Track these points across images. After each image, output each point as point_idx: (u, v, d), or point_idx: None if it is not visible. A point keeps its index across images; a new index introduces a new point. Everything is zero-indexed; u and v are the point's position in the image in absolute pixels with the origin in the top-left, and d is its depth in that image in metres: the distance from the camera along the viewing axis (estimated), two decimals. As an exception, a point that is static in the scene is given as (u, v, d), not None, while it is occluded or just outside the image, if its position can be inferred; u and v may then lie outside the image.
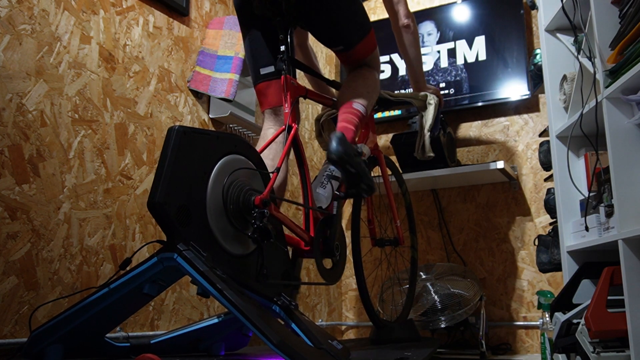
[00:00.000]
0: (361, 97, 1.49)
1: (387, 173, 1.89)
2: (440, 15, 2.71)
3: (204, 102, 2.02)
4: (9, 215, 1.29)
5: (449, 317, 2.14)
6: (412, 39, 1.79)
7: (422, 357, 1.42)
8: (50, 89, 1.43)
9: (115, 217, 1.58)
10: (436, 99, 1.86)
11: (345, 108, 1.46)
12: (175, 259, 1.01)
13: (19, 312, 1.29)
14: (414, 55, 1.81)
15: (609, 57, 1.54)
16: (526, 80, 2.44)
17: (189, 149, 1.07)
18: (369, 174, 1.40)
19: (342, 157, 1.28)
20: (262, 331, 0.96)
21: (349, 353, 1.23)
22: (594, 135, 1.67)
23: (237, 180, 1.17)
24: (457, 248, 2.54)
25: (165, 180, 1.01)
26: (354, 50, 1.55)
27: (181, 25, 1.95)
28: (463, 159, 2.62)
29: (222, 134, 1.19)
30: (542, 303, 1.93)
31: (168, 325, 1.71)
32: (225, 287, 0.99)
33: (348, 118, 1.44)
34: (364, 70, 1.58)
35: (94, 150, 1.54)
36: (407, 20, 1.78)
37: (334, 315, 2.69)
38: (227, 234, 1.12)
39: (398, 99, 1.88)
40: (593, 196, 1.71)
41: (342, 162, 1.30)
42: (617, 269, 1.47)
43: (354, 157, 1.32)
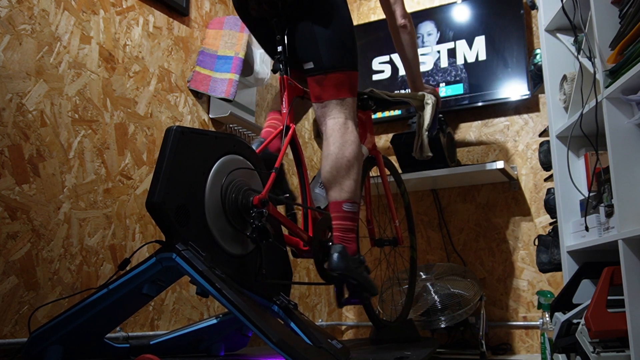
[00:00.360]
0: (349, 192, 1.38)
1: (386, 173, 1.89)
2: (440, 15, 2.71)
3: (204, 102, 2.02)
4: (9, 215, 1.29)
5: (449, 317, 2.14)
6: (409, 39, 1.79)
7: (421, 357, 1.42)
8: (50, 89, 1.44)
9: (115, 217, 1.59)
10: (434, 98, 1.86)
11: (336, 213, 1.38)
12: (174, 259, 1.01)
13: (19, 312, 1.29)
14: (411, 56, 1.81)
15: (609, 57, 1.54)
16: (526, 80, 2.44)
17: (187, 149, 1.07)
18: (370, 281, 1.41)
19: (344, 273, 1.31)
20: (262, 330, 0.96)
21: (349, 352, 1.23)
22: (594, 135, 1.66)
23: (236, 180, 1.17)
24: (457, 248, 2.54)
25: (163, 181, 1.01)
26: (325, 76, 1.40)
27: (181, 25, 1.96)
28: (463, 159, 2.62)
29: (220, 134, 1.19)
30: (542, 303, 1.93)
31: (168, 325, 1.71)
32: (224, 287, 0.99)
33: (343, 226, 1.37)
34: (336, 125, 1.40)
35: (94, 150, 1.55)
36: (404, 20, 1.77)
37: (334, 315, 2.69)
38: (226, 234, 1.12)
39: (396, 99, 1.88)
40: (593, 196, 1.71)
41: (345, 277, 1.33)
42: (617, 269, 1.47)
43: (355, 271, 1.34)
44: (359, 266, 1.36)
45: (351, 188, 1.38)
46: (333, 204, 1.38)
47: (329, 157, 1.39)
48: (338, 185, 1.37)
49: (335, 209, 1.38)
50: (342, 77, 1.41)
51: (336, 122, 1.41)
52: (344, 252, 1.31)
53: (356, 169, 1.39)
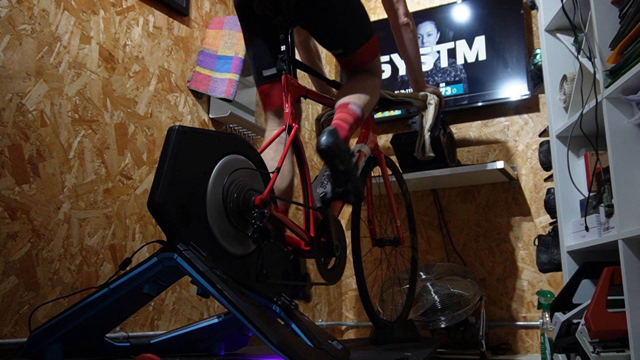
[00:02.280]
0: (358, 100, 1.46)
1: (387, 173, 1.89)
2: (440, 15, 2.71)
3: (204, 102, 2.02)
4: (9, 215, 1.29)
5: (449, 317, 2.14)
6: (411, 37, 1.79)
7: (422, 357, 1.42)
8: (50, 89, 1.43)
9: (115, 217, 1.58)
10: (436, 98, 1.86)
11: (340, 108, 1.45)
12: (175, 259, 1.01)
13: (19, 312, 1.29)
14: (413, 55, 1.81)
15: (609, 57, 1.54)
16: (526, 80, 2.44)
17: (189, 149, 1.07)
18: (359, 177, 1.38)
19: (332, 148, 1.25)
20: (262, 331, 0.96)
21: (349, 353, 1.23)
22: (594, 135, 1.66)
23: (238, 180, 1.17)
24: (457, 248, 2.54)
25: (165, 180, 1.01)
26: (354, 55, 1.53)
27: (181, 25, 1.95)
28: (463, 159, 2.62)
29: (222, 133, 1.19)
30: (542, 303, 1.93)
31: (168, 325, 1.71)
32: (225, 287, 0.99)
33: (343, 117, 1.42)
34: (364, 75, 1.56)
35: (94, 150, 1.54)
36: (406, 19, 1.77)
37: (334, 315, 2.69)
38: (227, 234, 1.12)
39: (398, 99, 1.88)
40: (593, 196, 1.71)
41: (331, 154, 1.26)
42: (617, 269, 1.47)
43: (344, 153, 1.28)
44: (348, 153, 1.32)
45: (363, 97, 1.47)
46: (340, 105, 1.45)
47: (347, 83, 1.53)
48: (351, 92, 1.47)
49: (341, 106, 1.44)
50: (367, 47, 1.54)
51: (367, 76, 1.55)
52: (334, 131, 1.29)
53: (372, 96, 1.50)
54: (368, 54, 1.55)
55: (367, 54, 1.55)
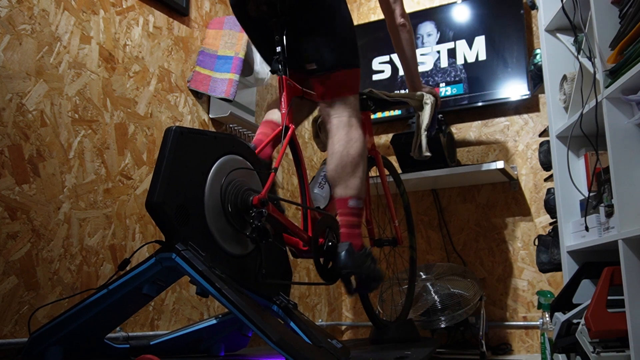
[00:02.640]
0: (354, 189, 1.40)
1: (385, 173, 1.89)
2: (440, 15, 2.71)
3: (204, 102, 2.02)
4: (9, 215, 1.29)
5: (449, 317, 2.14)
6: (407, 38, 1.79)
7: (421, 357, 1.42)
8: (50, 89, 1.44)
9: (115, 217, 1.59)
10: (432, 98, 1.86)
11: (342, 209, 1.41)
12: (174, 259, 1.01)
13: (19, 312, 1.29)
14: (409, 55, 1.81)
15: (609, 57, 1.54)
16: (526, 80, 2.44)
17: (186, 149, 1.07)
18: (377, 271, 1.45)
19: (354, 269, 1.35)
20: (262, 329, 0.96)
21: (349, 352, 1.23)
22: (594, 135, 1.66)
23: (235, 180, 1.17)
24: (457, 248, 2.54)
25: (163, 181, 1.01)
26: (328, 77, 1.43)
27: (181, 25, 1.96)
28: (463, 159, 2.62)
29: (219, 134, 1.19)
30: (542, 303, 1.93)
31: (168, 325, 1.71)
32: (224, 287, 0.99)
33: (349, 222, 1.41)
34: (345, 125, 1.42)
35: (94, 150, 1.55)
36: (403, 20, 1.78)
37: (334, 315, 2.69)
38: (226, 234, 1.12)
39: (395, 99, 1.88)
40: (593, 196, 1.71)
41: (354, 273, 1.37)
42: (617, 269, 1.47)
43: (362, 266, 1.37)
44: (366, 260, 1.39)
45: (357, 185, 1.41)
46: (339, 201, 1.42)
47: (334, 155, 1.41)
48: (343, 182, 1.40)
49: (341, 205, 1.41)
50: (345, 75, 1.44)
51: (341, 121, 1.43)
52: (350, 250, 1.33)
53: (362, 167, 1.42)
54: (345, 83, 1.44)
55: (343, 84, 1.44)
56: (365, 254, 1.40)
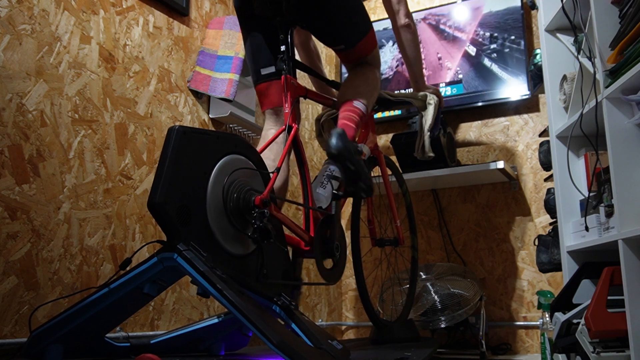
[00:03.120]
0: (362, 96, 1.49)
1: (387, 173, 1.89)
2: (440, 15, 2.71)
3: (204, 102, 2.02)
4: (9, 215, 1.29)
5: (449, 317, 2.14)
6: (411, 39, 1.79)
7: (422, 357, 1.42)
8: (50, 89, 1.43)
9: (115, 217, 1.58)
10: (436, 99, 1.86)
11: (345, 106, 1.47)
12: (175, 259, 1.01)
13: (19, 312, 1.29)
14: (413, 55, 1.81)
15: (609, 57, 1.54)
16: (526, 80, 2.44)
17: (189, 149, 1.07)
18: (368, 173, 1.42)
19: (342, 152, 1.29)
20: (262, 331, 0.96)
21: (349, 353, 1.23)
22: (594, 135, 1.67)
23: (237, 180, 1.17)
24: (457, 248, 2.54)
25: (165, 181, 1.01)
26: (355, 49, 1.56)
27: (181, 25, 1.95)
28: (463, 159, 2.62)
29: (222, 133, 1.19)
30: (542, 303, 1.93)
31: (168, 325, 1.71)
32: (225, 287, 0.99)
33: (348, 116, 1.44)
34: (365, 69, 1.59)
35: (94, 150, 1.54)
36: (407, 20, 1.78)
37: (334, 315, 2.69)
38: (227, 234, 1.12)
39: (398, 99, 1.88)
40: (593, 196, 1.71)
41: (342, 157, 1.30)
42: (617, 269, 1.47)
43: (353, 154, 1.32)
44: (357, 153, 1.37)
45: (366, 93, 1.50)
46: (345, 103, 1.47)
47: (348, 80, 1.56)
48: (354, 89, 1.51)
49: (346, 104, 1.47)
50: (367, 39, 1.56)
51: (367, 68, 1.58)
52: (342, 133, 1.32)
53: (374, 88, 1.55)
54: (368, 46, 1.57)
55: (366, 46, 1.57)
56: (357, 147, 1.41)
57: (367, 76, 1.56)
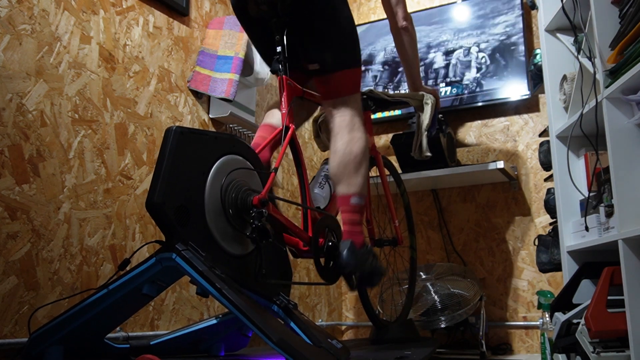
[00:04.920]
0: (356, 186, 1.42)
1: (385, 173, 1.89)
2: (440, 15, 2.71)
3: (204, 102, 2.02)
4: (9, 215, 1.29)
5: (449, 317, 2.14)
6: (409, 41, 1.80)
7: (422, 357, 1.42)
8: (50, 89, 1.44)
9: (115, 217, 1.59)
10: (433, 98, 1.86)
11: (344, 206, 1.43)
12: (174, 259, 1.01)
13: (19, 312, 1.29)
14: (411, 56, 1.82)
15: (609, 57, 1.54)
16: (526, 80, 2.44)
17: (186, 149, 1.07)
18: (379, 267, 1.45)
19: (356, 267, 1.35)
20: (262, 329, 0.96)
21: (349, 352, 1.23)
22: (594, 135, 1.66)
23: (235, 180, 1.17)
24: (457, 248, 2.54)
25: (163, 181, 1.01)
26: (331, 77, 1.45)
27: (181, 25, 1.96)
28: (463, 159, 2.62)
29: (219, 134, 1.19)
30: (542, 303, 1.93)
31: (168, 325, 1.71)
32: (224, 287, 0.99)
33: (351, 219, 1.42)
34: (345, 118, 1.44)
35: (94, 150, 1.55)
36: (405, 22, 1.78)
37: (334, 315, 2.69)
38: (226, 234, 1.12)
39: (395, 99, 1.88)
40: (593, 196, 1.71)
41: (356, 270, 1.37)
42: (617, 269, 1.47)
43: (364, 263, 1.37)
44: (368, 257, 1.40)
45: (359, 183, 1.42)
46: (341, 199, 1.42)
47: (337, 153, 1.42)
48: (346, 180, 1.42)
49: (343, 203, 1.42)
50: (347, 74, 1.45)
51: (343, 120, 1.44)
52: (352, 248, 1.34)
53: (364, 165, 1.43)
54: (346, 83, 1.46)
55: (345, 84, 1.46)
56: (367, 250, 1.42)
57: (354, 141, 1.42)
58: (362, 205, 1.44)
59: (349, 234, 1.41)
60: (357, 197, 1.42)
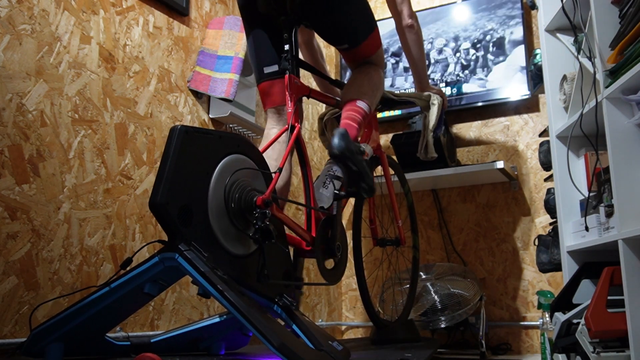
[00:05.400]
0: (365, 95, 1.48)
1: (390, 173, 1.89)
2: (440, 15, 2.71)
3: (204, 102, 2.02)
4: (9, 215, 1.29)
5: (449, 317, 2.14)
6: (415, 38, 1.79)
7: (422, 357, 1.42)
8: (50, 89, 1.43)
9: (115, 217, 1.58)
10: (440, 99, 1.86)
11: (349, 106, 1.46)
12: (177, 259, 1.01)
13: (19, 312, 1.29)
14: (417, 56, 1.81)
15: (609, 57, 1.54)
16: (526, 80, 2.44)
17: (191, 148, 1.06)
18: (370, 173, 1.40)
19: (344, 152, 1.28)
20: (263, 333, 0.96)
21: (349, 354, 1.23)
22: (594, 135, 1.67)
23: (239, 180, 1.16)
24: (457, 248, 2.54)
25: (167, 180, 1.00)
26: (359, 48, 1.55)
27: (181, 25, 1.95)
28: (463, 159, 2.62)
29: (224, 133, 1.18)
30: (542, 303, 1.94)
31: (168, 325, 1.71)
32: (226, 288, 0.99)
33: (352, 116, 1.43)
34: (369, 68, 1.57)
35: (94, 150, 1.54)
36: (411, 20, 1.77)
37: (334, 315, 2.69)
38: (229, 234, 1.12)
39: (401, 99, 1.88)
40: (593, 196, 1.71)
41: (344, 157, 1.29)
42: (617, 269, 1.48)
43: (355, 155, 1.31)
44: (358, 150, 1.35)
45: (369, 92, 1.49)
46: (348, 102, 1.47)
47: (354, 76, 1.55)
48: (357, 89, 1.50)
49: (349, 103, 1.46)
50: (371, 39, 1.55)
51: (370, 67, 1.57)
52: (345, 134, 1.31)
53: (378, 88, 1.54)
54: (372, 45, 1.56)
55: (371, 46, 1.56)
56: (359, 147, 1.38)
57: (371, 75, 1.55)
58: (366, 112, 1.46)
59: (345, 125, 1.41)
60: (364, 102, 1.46)
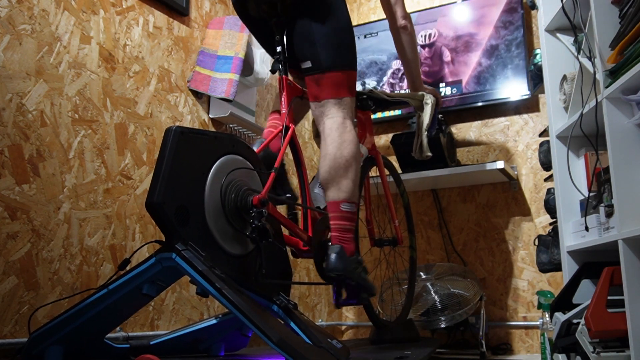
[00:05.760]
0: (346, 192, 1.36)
1: (385, 173, 1.89)
2: (440, 15, 2.71)
3: (204, 102, 2.02)
4: (9, 215, 1.29)
5: (449, 317, 2.14)
6: (409, 39, 1.79)
7: (422, 357, 1.42)
8: (50, 89, 1.44)
9: (115, 217, 1.59)
10: (433, 98, 1.86)
11: (334, 213, 1.36)
12: (174, 259, 1.01)
13: (19, 312, 1.29)
14: (411, 56, 1.81)
15: (609, 57, 1.54)
16: (526, 80, 2.44)
17: (186, 149, 1.07)
18: (369, 282, 1.40)
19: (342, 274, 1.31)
20: (262, 330, 0.96)
21: (349, 352, 1.23)
22: (594, 135, 1.66)
23: (235, 180, 1.17)
24: (457, 248, 2.54)
25: (163, 181, 1.01)
26: (322, 77, 1.39)
27: (181, 25, 1.96)
28: (463, 159, 2.62)
29: (219, 134, 1.19)
30: (542, 303, 1.93)
31: (168, 325, 1.71)
32: (224, 287, 0.99)
33: (341, 226, 1.36)
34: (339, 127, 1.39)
35: (94, 150, 1.55)
36: (404, 21, 1.77)
37: (334, 315, 2.69)
38: (226, 234, 1.12)
39: (395, 99, 1.88)
40: (593, 196, 1.71)
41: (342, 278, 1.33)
42: (617, 269, 1.47)
43: (353, 272, 1.33)
44: (357, 267, 1.35)
45: (349, 188, 1.36)
46: (331, 204, 1.37)
47: (327, 157, 1.37)
48: (336, 185, 1.36)
49: (333, 208, 1.36)
50: (340, 76, 1.40)
51: (334, 122, 1.39)
52: (341, 253, 1.30)
53: (354, 169, 1.37)
54: (340, 84, 1.40)
55: (338, 84, 1.40)
56: (357, 260, 1.36)
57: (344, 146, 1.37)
58: (353, 212, 1.38)
59: (338, 240, 1.35)
60: (348, 203, 1.35)
